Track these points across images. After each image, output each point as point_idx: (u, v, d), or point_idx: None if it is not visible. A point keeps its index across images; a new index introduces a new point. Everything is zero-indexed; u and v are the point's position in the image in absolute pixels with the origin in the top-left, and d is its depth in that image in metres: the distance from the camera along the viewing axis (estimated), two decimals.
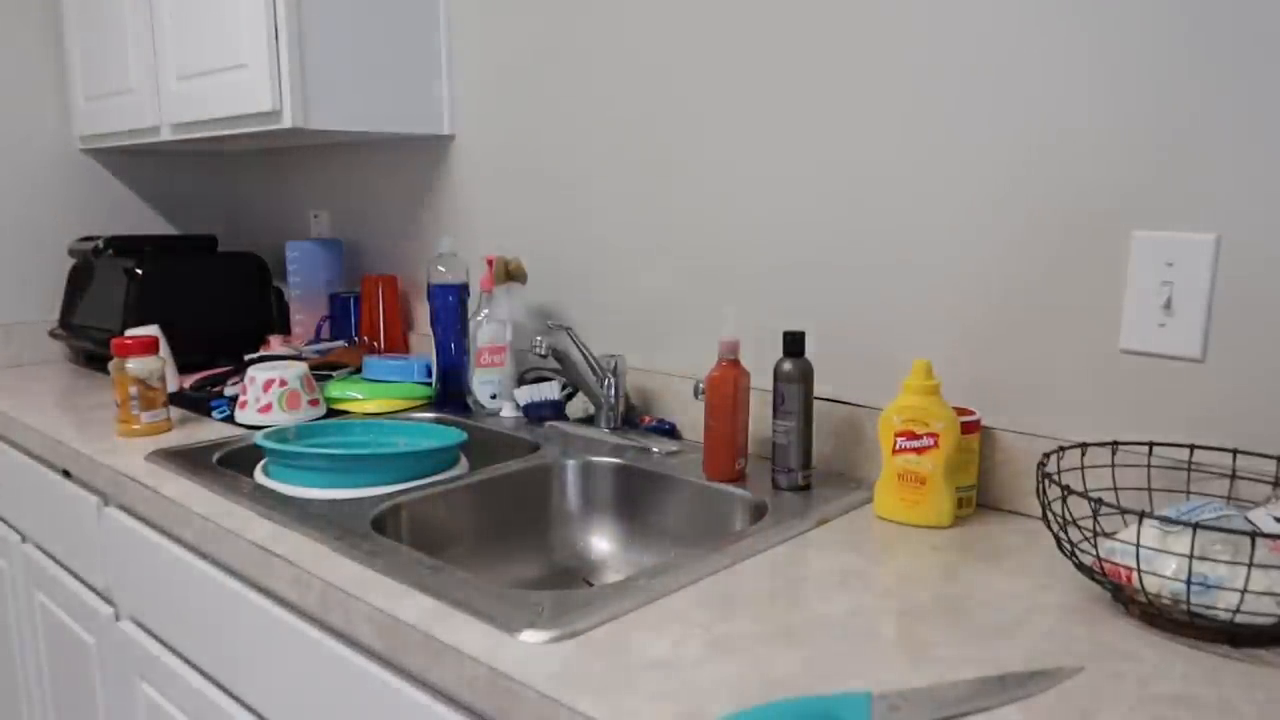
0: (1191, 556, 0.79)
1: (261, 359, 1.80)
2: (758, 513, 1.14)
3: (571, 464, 1.32)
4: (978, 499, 1.12)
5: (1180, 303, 0.99)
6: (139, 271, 1.89)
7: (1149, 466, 0.98)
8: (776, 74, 1.28)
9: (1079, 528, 0.87)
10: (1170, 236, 0.99)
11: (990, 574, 0.94)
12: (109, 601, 1.41)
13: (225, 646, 1.13)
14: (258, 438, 1.25)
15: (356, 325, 1.94)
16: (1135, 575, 0.81)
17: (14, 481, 1.64)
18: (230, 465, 1.34)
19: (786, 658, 0.78)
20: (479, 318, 1.55)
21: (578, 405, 1.52)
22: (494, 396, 1.55)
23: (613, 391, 1.42)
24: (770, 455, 1.21)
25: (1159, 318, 1.00)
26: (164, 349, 1.68)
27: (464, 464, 1.30)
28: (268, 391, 1.49)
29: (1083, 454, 0.98)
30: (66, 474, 1.47)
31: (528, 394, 1.51)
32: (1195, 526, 0.79)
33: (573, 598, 0.88)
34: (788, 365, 1.18)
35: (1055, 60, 1.04)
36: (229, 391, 1.65)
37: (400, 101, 1.70)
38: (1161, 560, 0.81)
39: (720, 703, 0.71)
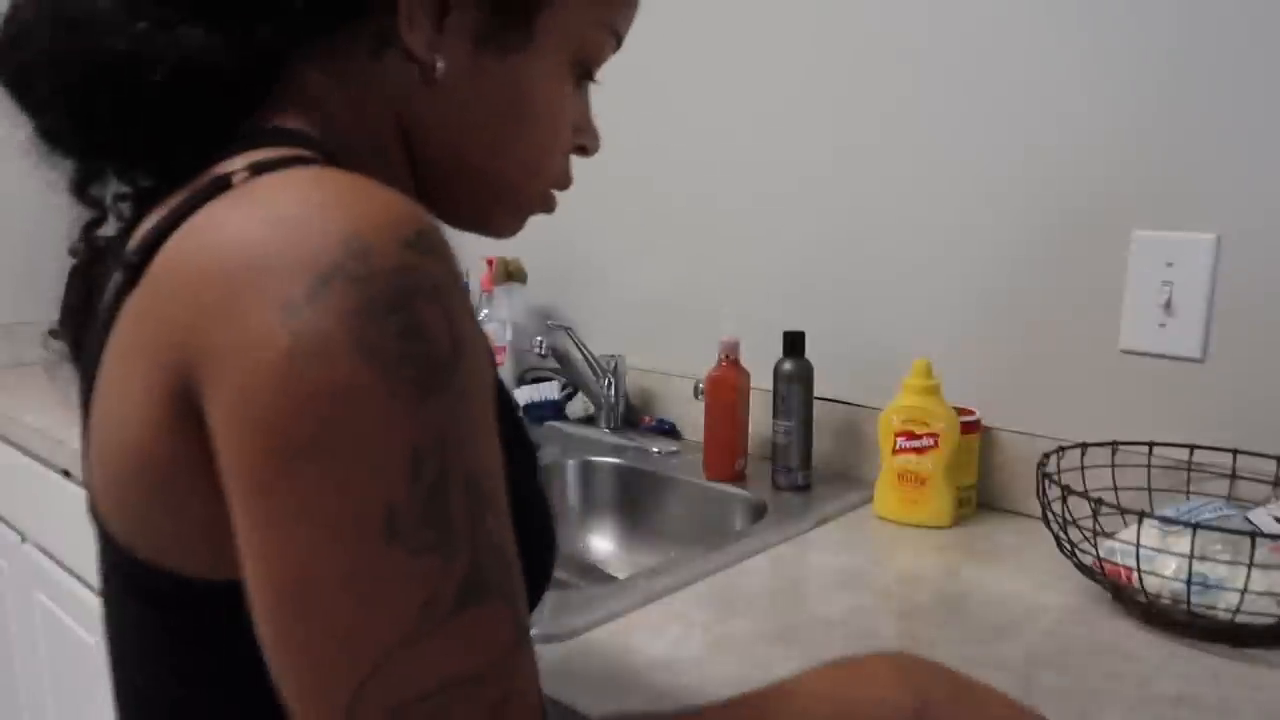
0: (1191, 556, 0.79)
1: None
2: (758, 513, 1.14)
3: (571, 464, 1.32)
4: (978, 499, 1.12)
5: (1180, 303, 0.99)
6: None
7: (1149, 466, 0.98)
8: (778, 75, 1.27)
9: (1079, 528, 0.87)
10: (1170, 236, 0.99)
11: (990, 574, 0.94)
12: None
13: None
14: None
15: None
16: (1135, 575, 0.81)
17: (14, 481, 1.64)
18: None
19: (786, 658, 0.78)
20: (479, 318, 1.55)
21: (578, 405, 1.52)
22: None
23: (613, 391, 1.42)
24: (770, 455, 1.20)
25: (1159, 318, 1.00)
26: None
27: None
28: None
29: (1083, 454, 0.98)
30: (66, 474, 1.46)
31: (528, 394, 1.51)
32: (1195, 526, 0.79)
33: (573, 597, 0.88)
34: (788, 365, 1.18)
35: (1056, 61, 1.04)
36: None
37: None
38: (1161, 560, 0.81)
39: None
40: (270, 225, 0.39)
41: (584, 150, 0.59)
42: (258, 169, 0.43)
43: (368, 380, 0.37)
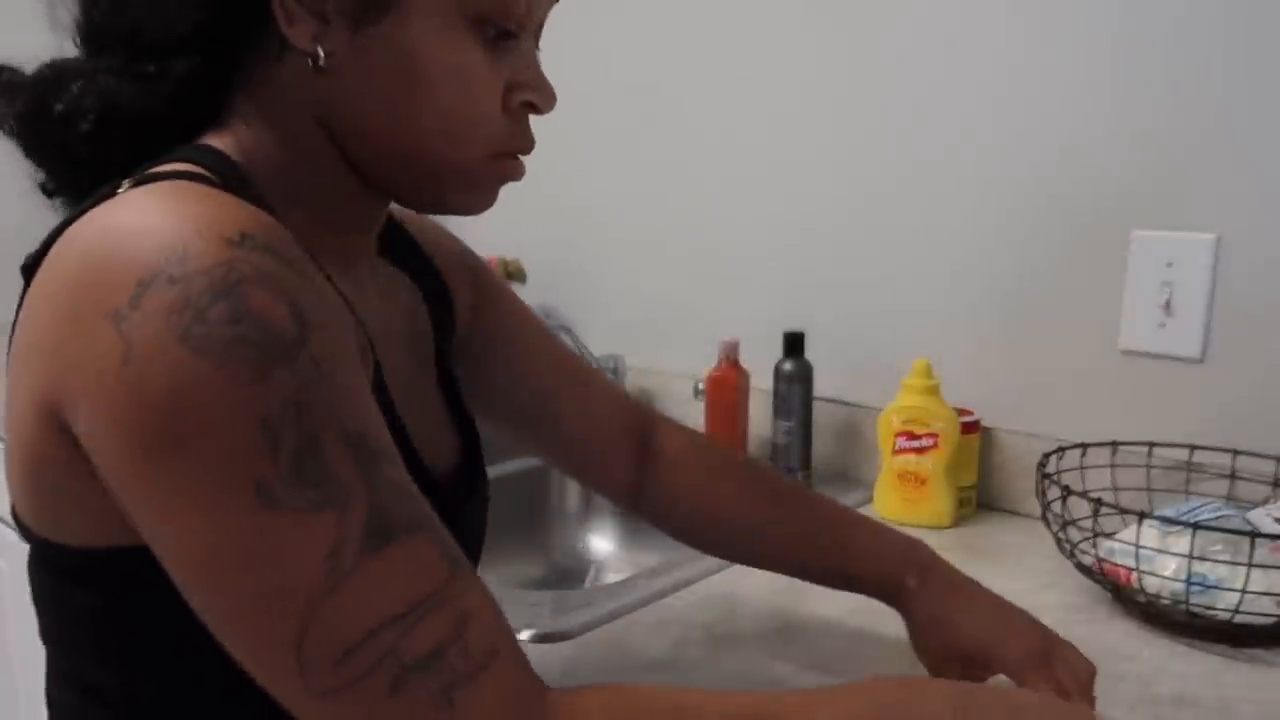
0: (1191, 557, 0.79)
1: None
2: None
3: None
4: (978, 499, 1.12)
5: (1180, 303, 0.99)
6: None
7: (1149, 467, 0.98)
8: (778, 75, 1.27)
9: (1079, 528, 0.87)
10: (1170, 236, 0.99)
11: (991, 574, 0.94)
12: None
13: None
14: None
15: None
16: (1135, 575, 0.81)
17: None
18: None
19: (786, 658, 0.78)
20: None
21: None
22: None
23: None
24: (770, 455, 1.20)
25: (1159, 318, 1.00)
26: None
27: None
28: None
29: (1083, 454, 0.98)
30: None
31: None
32: (1195, 527, 0.79)
33: (573, 598, 0.88)
34: (788, 365, 1.18)
35: (1057, 62, 1.04)
36: None
37: None
38: (1161, 560, 0.81)
39: None
40: (105, 237, 0.42)
41: (533, 107, 0.56)
42: (137, 183, 0.45)
43: (200, 371, 0.39)
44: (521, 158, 0.57)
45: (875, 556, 0.73)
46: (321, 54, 0.50)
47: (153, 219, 0.42)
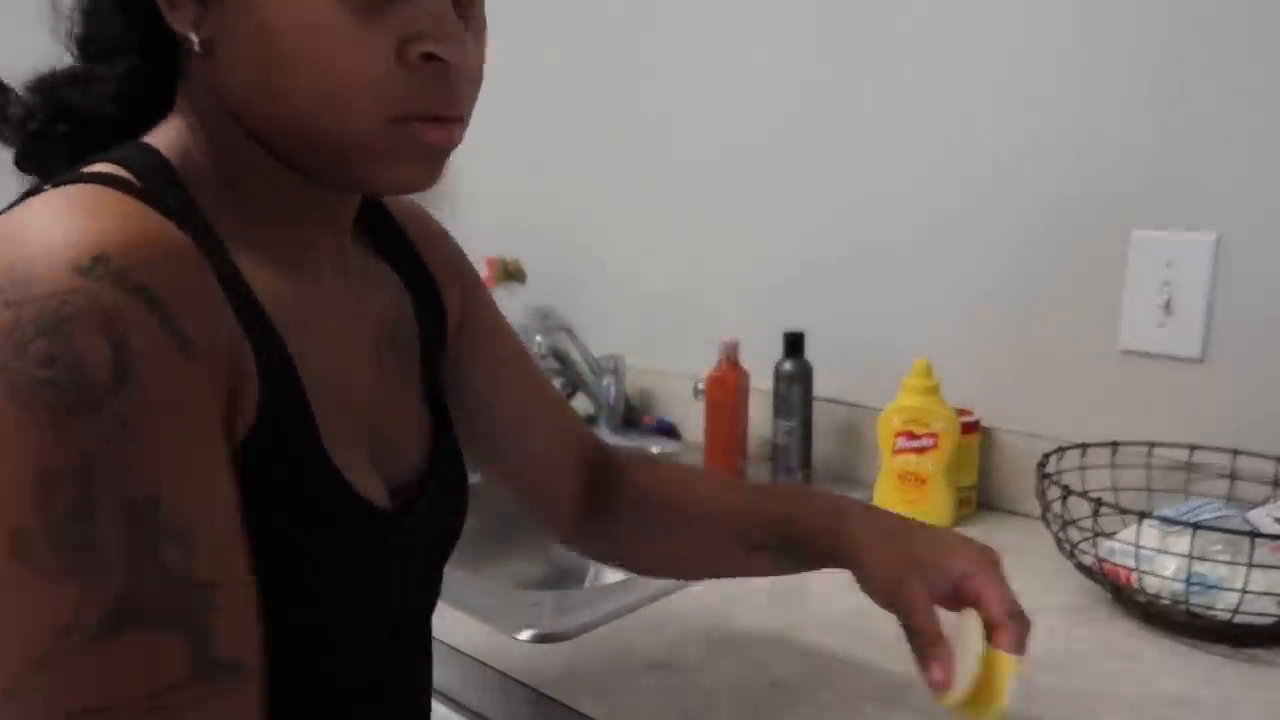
0: (1191, 557, 0.79)
1: None
2: None
3: None
4: (978, 499, 1.12)
5: (1180, 303, 0.99)
6: None
7: (1149, 467, 0.98)
8: (778, 74, 1.27)
9: (1079, 528, 0.87)
10: (1170, 236, 0.99)
11: None
12: None
13: None
14: None
15: None
16: (1135, 576, 0.81)
17: None
18: None
19: (786, 657, 0.78)
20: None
21: (578, 405, 1.52)
22: None
23: (612, 391, 1.42)
24: (770, 455, 1.20)
25: (1159, 318, 1.00)
26: None
27: None
28: None
29: (1083, 454, 0.98)
30: None
31: None
32: (1195, 527, 0.79)
33: (573, 598, 0.88)
34: (788, 365, 1.18)
35: (1056, 62, 1.04)
36: None
37: None
38: (1161, 560, 0.81)
39: (720, 703, 0.71)
40: None
41: (435, 57, 0.49)
42: (57, 184, 0.45)
43: (1, 407, 0.38)
44: (454, 123, 0.51)
45: (812, 509, 0.71)
46: (195, 40, 0.48)
47: (21, 231, 0.41)
